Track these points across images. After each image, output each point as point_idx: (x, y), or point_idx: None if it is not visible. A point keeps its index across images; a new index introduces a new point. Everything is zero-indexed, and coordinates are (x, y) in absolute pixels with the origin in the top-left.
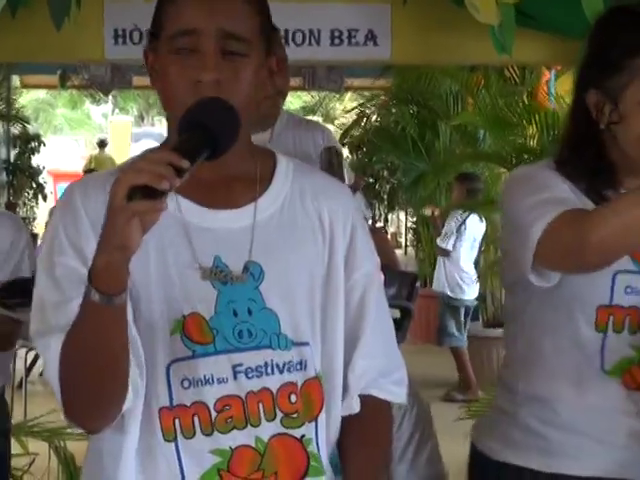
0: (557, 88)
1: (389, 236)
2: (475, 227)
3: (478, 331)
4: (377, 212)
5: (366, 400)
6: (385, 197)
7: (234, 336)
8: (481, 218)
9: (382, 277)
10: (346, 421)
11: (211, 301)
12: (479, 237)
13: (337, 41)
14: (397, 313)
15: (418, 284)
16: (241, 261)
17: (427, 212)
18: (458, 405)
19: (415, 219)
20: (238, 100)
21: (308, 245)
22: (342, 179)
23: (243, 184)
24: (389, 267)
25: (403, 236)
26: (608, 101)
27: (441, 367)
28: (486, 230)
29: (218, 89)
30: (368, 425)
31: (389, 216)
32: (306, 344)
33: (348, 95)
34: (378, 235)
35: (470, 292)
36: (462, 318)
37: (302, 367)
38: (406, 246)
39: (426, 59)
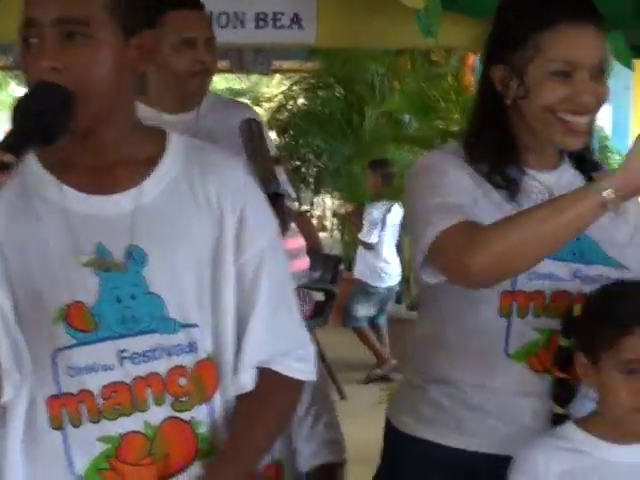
0: None
1: (315, 220)
2: (393, 212)
3: (401, 314)
4: (303, 195)
5: (267, 376)
6: (311, 181)
7: (118, 322)
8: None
9: (306, 260)
10: (241, 396)
11: (93, 289)
12: (398, 221)
13: (262, 24)
14: (321, 296)
15: (342, 267)
16: (124, 246)
17: (341, 211)
18: (381, 387)
19: (341, 202)
20: (88, 83)
21: (195, 226)
22: (263, 150)
23: (128, 168)
24: (314, 251)
25: (329, 219)
26: (514, 76)
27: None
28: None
29: (60, 75)
30: (261, 400)
31: (315, 199)
32: (195, 326)
33: (277, 79)
34: (303, 219)
35: (391, 280)
36: (377, 304)
37: (192, 349)
38: (332, 230)
39: (351, 43)
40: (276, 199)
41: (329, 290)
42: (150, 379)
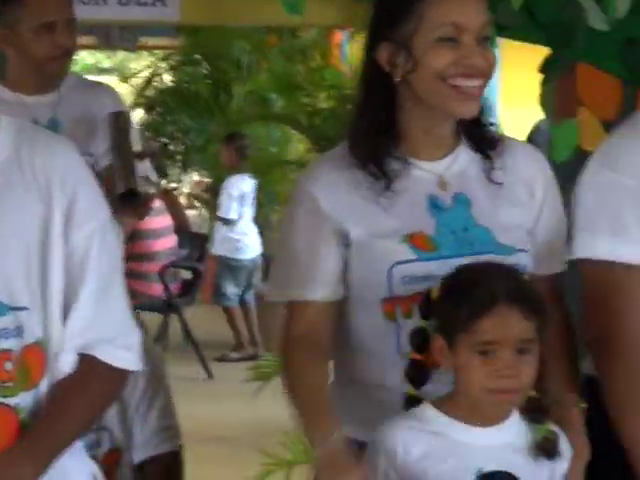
0: (350, 50)
1: (183, 197)
2: (246, 185)
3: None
4: (170, 173)
5: (87, 362)
6: (179, 158)
7: None
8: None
9: (174, 238)
10: (59, 381)
11: None
12: (252, 192)
13: (125, 0)
14: (189, 274)
15: (209, 245)
16: None
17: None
18: (247, 366)
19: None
20: None
21: (22, 207)
22: (128, 146)
23: None
24: (181, 229)
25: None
26: (401, 51)
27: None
28: (260, 189)
29: None
30: (78, 385)
31: (183, 177)
32: (24, 309)
33: (145, 55)
34: (170, 197)
35: (251, 252)
36: (243, 278)
37: (19, 334)
38: (200, 207)
39: (216, 20)
40: (133, 197)
41: (196, 268)
42: None
